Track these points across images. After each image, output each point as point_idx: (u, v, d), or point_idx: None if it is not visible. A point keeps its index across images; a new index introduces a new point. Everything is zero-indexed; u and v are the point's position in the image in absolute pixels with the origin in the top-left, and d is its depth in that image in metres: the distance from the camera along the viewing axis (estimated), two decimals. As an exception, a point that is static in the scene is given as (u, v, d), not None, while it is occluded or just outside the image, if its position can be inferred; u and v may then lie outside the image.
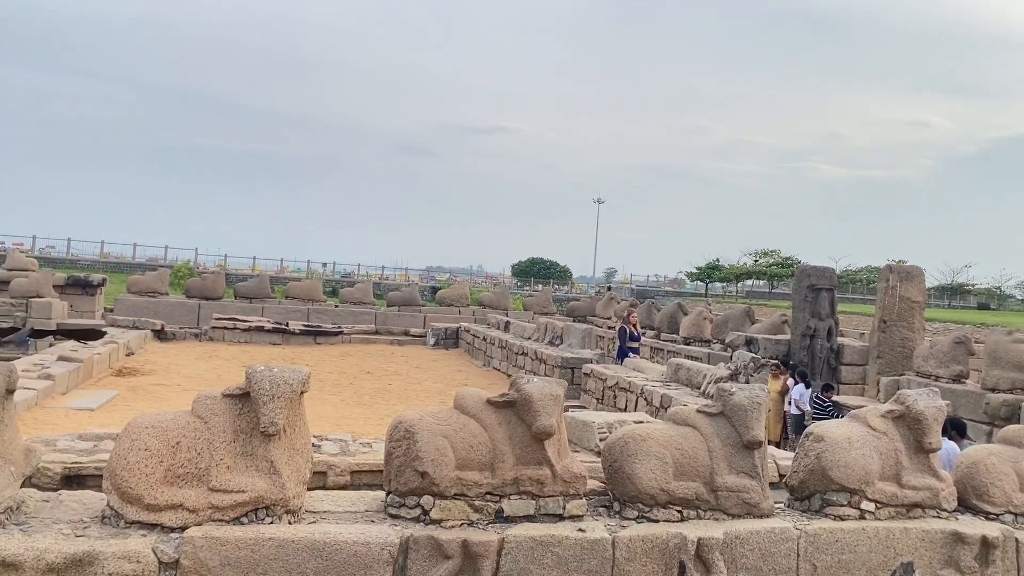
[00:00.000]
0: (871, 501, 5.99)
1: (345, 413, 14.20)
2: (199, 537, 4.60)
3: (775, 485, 6.65)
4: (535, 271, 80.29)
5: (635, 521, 5.52)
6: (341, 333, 25.99)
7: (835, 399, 13.62)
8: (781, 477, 7.04)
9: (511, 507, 5.30)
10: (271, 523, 4.84)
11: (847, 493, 5.96)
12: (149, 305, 26.62)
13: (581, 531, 5.23)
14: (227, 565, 4.59)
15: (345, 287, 38.45)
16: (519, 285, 72.21)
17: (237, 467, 4.84)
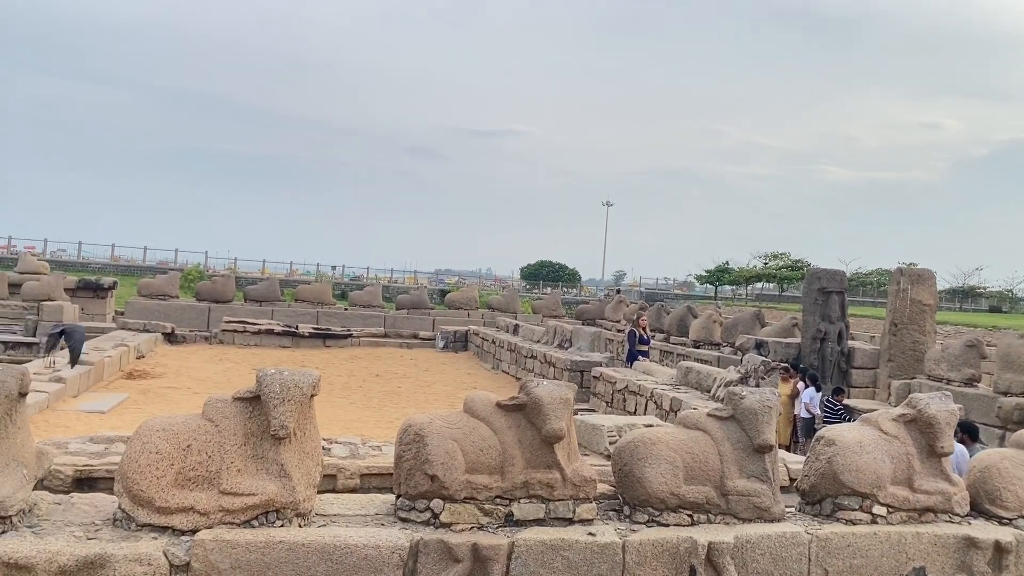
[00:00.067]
0: (883, 505, 5.96)
1: (354, 416, 14.21)
2: (210, 540, 4.61)
3: (786, 489, 6.62)
4: (544, 274, 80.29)
5: (645, 525, 5.50)
6: (350, 336, 26.02)
7: (846, 402, 13.57)
8: (792, 481, 7.00)
9: (521, 511, 5.29)
10: (281, 526, 4.85)
11: (859, 497, 5.93)
12: (159, 308, 26.71)
13: (591, 535, 5.22)
14: (237, 568, 4.61)
15: (354, 290, 38.56)
16: (528, 288, 72.20)
17: (248, 470, 4.85)
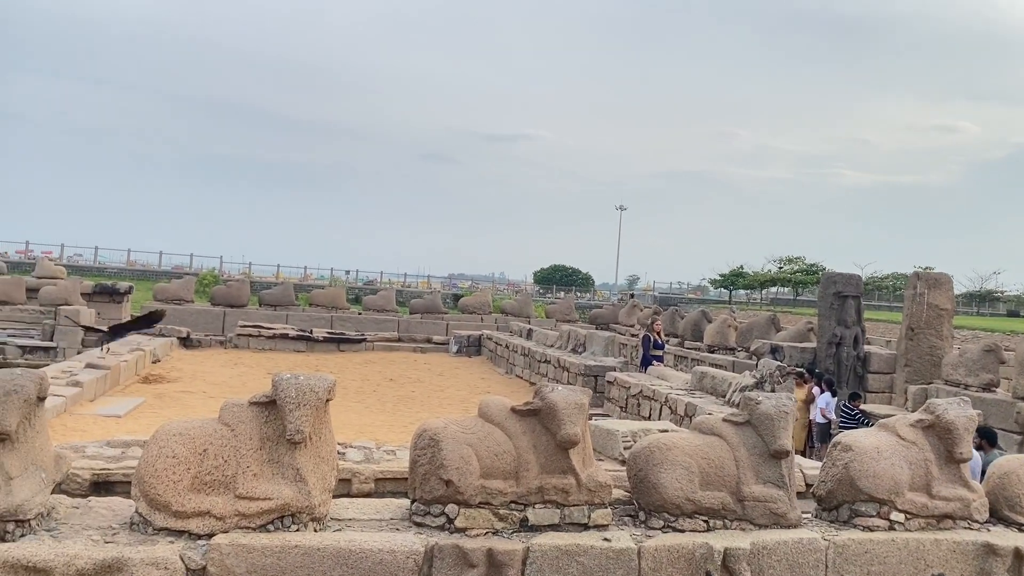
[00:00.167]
0: (900, 512, 5.91)
1: (368, 420, 14.23)
2: (226, 544, 4.63)
3: (802, 495, 6.57)
4: (557, 278, 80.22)
5: (661, 531, 5.48)
6: (364, 340, 26.08)
7: (862, 408, 13.47)
8: (808, 487, 6.95)
9: (536, 516, 5.28)
10: (297, 531, 4.87)
11: (876, 503, 5.88)
12: (175, 312, 26.86)
13: (606, 540, 5.20)
14: (253, 572, 4.62)
15: (368, 295, 38.60)
16: (541, 292, 72.16)
17: (264, 475, 4.87)
